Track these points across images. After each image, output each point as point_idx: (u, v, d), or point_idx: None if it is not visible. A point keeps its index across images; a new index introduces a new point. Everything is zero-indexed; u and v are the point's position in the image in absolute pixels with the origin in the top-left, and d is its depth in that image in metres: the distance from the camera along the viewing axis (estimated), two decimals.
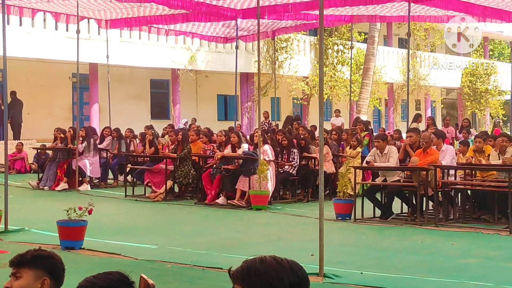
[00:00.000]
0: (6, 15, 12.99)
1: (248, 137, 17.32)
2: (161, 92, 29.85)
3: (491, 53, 47.62)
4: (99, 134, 18.50)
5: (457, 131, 21.17)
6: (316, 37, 30.78)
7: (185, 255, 8.77)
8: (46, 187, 16.60)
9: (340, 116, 25.20)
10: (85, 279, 2.81)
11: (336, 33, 31.45)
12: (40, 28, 22.59)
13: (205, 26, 20.40)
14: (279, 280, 2.18)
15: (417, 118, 18.92)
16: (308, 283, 2.28)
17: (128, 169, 16.78)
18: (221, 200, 14.13)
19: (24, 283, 3.22)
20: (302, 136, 16.23)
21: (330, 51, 31.06)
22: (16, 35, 21.16)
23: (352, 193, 12.76)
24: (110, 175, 18.32)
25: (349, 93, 24.96)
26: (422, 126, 18.98)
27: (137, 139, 18.19)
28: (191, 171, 15.01)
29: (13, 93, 22.89)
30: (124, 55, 24.31)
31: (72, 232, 9.22)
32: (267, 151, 14.28)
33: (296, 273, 2.22)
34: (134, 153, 17.39)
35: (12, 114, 22.17)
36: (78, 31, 16.99)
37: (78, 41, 16.92)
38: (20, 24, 21.99)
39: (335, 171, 15.53)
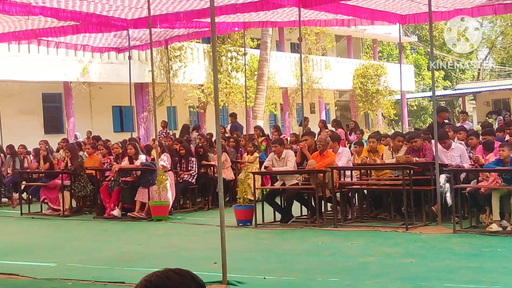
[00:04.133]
0: None
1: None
2: (54, 106, 29.13)
3: (380, 54, 49.05)
4: None
5: (347, 132, 21.73)
6: (209, 45, 30.85)
7: (86, 271, 8.60)
8: None
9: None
10: None
11: (229, 40, 31.61)
12: None
13: (96, 37, 20.10)
14: None
15: (303, 122, 19.33)
16: None
17: (23, 186, 16.31)
18: (116, 212, 13.95)
19: None
20: (200, 144, 16.24)
21: (224, 58, 31.17)
22: None
23: (252, 198, 12.86)
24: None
25: (244, 99, 25.13)
26: (313, 128, 19.31)
27: (30, 155, 17.72)
28: (88, 184, 14.76)
29: None
30: (13, 70, 23.62)
31: None
32: (164, 160, 14.21)
33: (199, 282, 2.24)
34: (29, 170, 16.93)
35: None
36: None
37: None
38: None
39: (234, 178, 15.62)
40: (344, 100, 45.20)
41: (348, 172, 12.66)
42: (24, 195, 16.23)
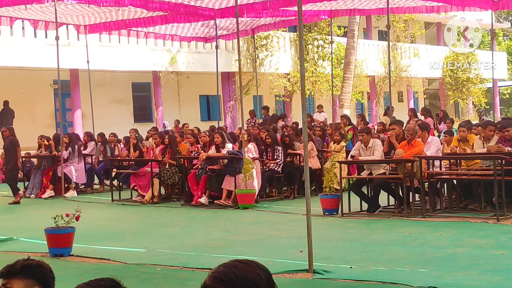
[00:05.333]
0: None
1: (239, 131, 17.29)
2: (143, 95, 29.76)
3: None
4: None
5: (437, 121, 21.28)
6: (295, 33, 30.81)
7: (174, 257, 8.76)
8: (33, 195, 16.53)
9: (323, 111, 25.25)
10: (77, 286, 2.80)
11: (315, 28, 31.48)
12: (19, 36, 22.46)
13: (184, 27, 20.39)
14: (258, 278, 2.31)
15: (387, 111, 19.08)
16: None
17: (113, 173, 16.74)
18: (203, 199, 14.12)
19: None
20: (286, 133, 16.25)
21: (310, 46, 31.07)
22: None
23: (338, 187, 12.78)
24: (96, 180, 18.28)
25: (331, 88, 24.98)
26: (401, 117, 19.03)
27: (121, 143, 18.15)
28: (177, 172, 15.00)
29: (6, 103, 23.16)
30: (104, 60, 24.22)
31: (60, 239, 9.19)
32: (251, 149, 14.29)
33: (264, 269, 2.37)
34: (119, 158, 17.34)
35: (4, 123, 22.56)
36: (57, 38, 16.91)
37: (58, 47, 16.83)
38: None
39: (320, 167, 15.57)
40: (433, 89, 44.34)
41: (437, 162, 12.41)
42: (115, 182, 16.65)
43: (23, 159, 19.08)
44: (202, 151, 14.90)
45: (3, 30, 21.71)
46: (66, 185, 16.59)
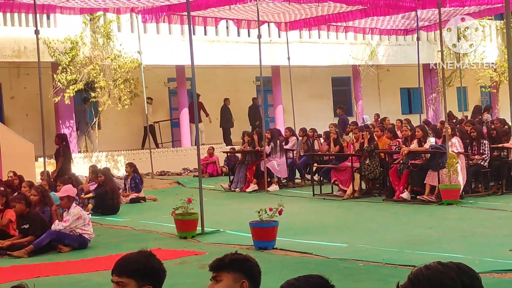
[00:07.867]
0: (191, 26, 13.55)
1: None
2: (343, 89, 29.82)
3: None
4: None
5: None
6: (502, 21, 29.42)
7: (376, 253, 8.69)
8: (237, 189, 17.10)
9: None
10: (287, 282, 2.84)
11: None
12: (224, 35, 23.33)
13: (384, 19, 20.16)
14: (449, 280, 2.19)
15: None
16: (480, 282, 2.25)
17: (314, 168, 16.92)
18: (405, 195, 13.86)
19: (224, 286, 3.34)
20: (492, 126, 15.59)
21: None
22: (202, 44, 22.02)
23: None
24: (298, 175, 18.57)
25: None
26: None
27: (321, 138, 18.30)
28: (378, 166, 14.86)
29: (225, 100, 24.76)
30: (304, 55, 24.53)
31: (264, 233, 9.44)
32: (455, 144, 13.84)
33: (465, 272, 2.22)
34: (319, 152, 17.50)
35: (224, 120, 24.46)
36: (259, 36, 17.37)
37: (260, 45, 17.29)
38: (205, 34, 22.83)
39: None
40: None
41: None
42: (316, 177, 16.82)
43: (228, 154, 19.85)
44: (404, 146, 14.66)
45: (209, 30, 22.66)
46: (268, 179, 17.01)
